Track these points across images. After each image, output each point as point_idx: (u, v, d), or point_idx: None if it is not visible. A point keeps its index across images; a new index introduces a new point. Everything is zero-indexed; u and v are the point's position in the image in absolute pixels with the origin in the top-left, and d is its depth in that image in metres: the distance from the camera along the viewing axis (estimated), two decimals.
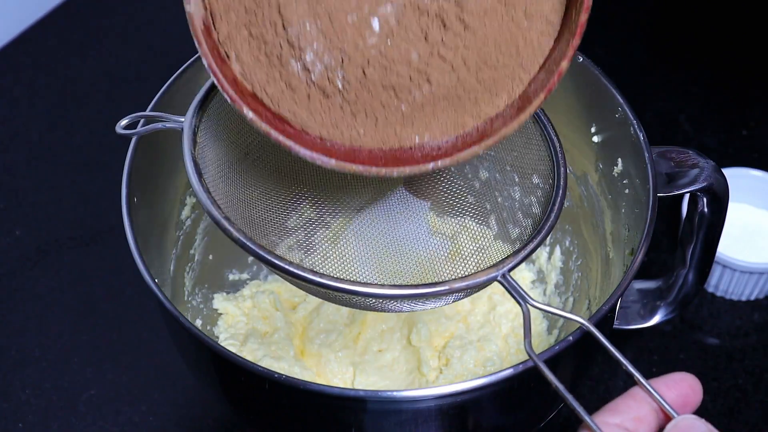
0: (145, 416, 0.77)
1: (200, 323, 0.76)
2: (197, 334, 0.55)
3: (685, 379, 0.48)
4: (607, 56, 1.04)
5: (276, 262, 0.51)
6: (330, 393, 0.53)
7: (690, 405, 0.48)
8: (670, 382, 0.48)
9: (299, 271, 0.50)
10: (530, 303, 0.51)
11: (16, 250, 0.88)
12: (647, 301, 0.72)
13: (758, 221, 0.86)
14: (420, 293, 0.51)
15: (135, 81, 1.03)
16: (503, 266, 0.52)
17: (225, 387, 0.62)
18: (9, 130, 0.98)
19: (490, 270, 0.52)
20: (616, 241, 0.70)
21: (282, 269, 0.51)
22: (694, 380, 0.49)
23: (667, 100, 1.01)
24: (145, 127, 0.58)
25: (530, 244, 0.53)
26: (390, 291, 0.50)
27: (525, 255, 0.53)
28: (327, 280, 0.50)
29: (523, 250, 0.53)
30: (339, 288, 0.50)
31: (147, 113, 0.58)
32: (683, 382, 0.48)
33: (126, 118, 0.57)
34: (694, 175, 0.62)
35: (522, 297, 0.51)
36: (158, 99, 0.65)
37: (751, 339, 0.82)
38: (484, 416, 0.59)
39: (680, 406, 0.48)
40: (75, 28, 1.08)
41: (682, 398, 0.48)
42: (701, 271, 0.69)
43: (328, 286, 0.50)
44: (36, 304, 0.84)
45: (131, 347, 0.81)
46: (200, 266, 0.76)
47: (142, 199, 0.63)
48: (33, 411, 0.77)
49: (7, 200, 0.92)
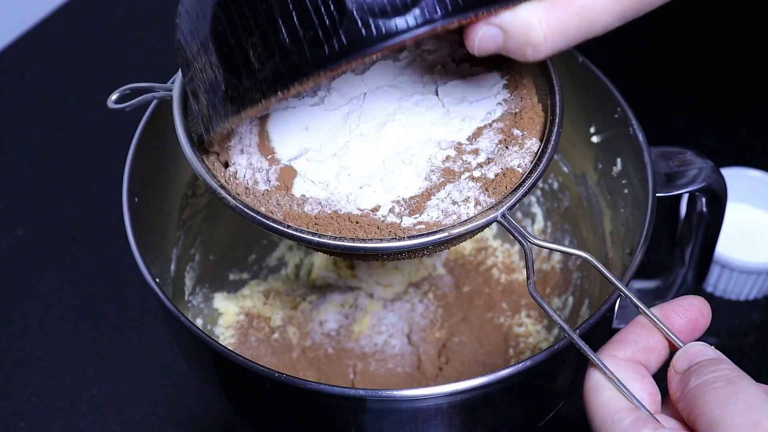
0: (146, 415, 0.77)
1: (201, 323, 0.76)
2: (198, 334, 0.55)
3: (694, 304, 0.47)
4: (606, 56, 1.04)
5: (275, 227, 0.51)
6: (330, 392, 0.54)
7: (699, 329, 0.47)
8: (678, 307, 0.47)
9: (299, 233, 0.50)
10: (531, 241, 0.50)
11: (17, 250, 0.88)
12: (646, 301, 0.72)
13: (757, 221, 0.86)
14: (419, 243, 0.50)
15: (135, 81, 1.03)
16: (502, 206, 0.51)
17: (225, 386, 0.63)
18: (9, 130, 0.98)
19: (489, 212, 0.51)
20: (616, 240, 0.70)
21: (283, 233, 0.51)
22: (702, 303, 0.47)
23: (666, 101, 1.01)
24: (137, 98, 0.57)
25: (527, 180, 0.52)
26: (391, 244, 0.50)
27: (523, 192, 0.52)
28: (326, 240, 0.50)
29: (521, 188, 0.52)
30: (339, 246, 0.50)
31: (135, 85, 0.58)
32: (691, 306, 0.47)
33: (115, 92, 0.57)
34: (692, 175, 0.63)
35: (523, 236, 0.51)
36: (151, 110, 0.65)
37: (749, 339, 0.82)
38: (484, 415, 0.59)
39: (689, 332, 0.47)
40: (75, 29, 1.08)
41: (691, 324, 0.47)
42: (700, 270, 0.69)
43: (327, 245, 0.51)
44: (37, 303, 0.84)
45: (132, 347, 0.81)
46: (201, 266, 0.77)
47: (143, 198, 0.63)
48: (34, 410, 0.77)
49: (8, 200, 0.92)
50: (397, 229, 0.51)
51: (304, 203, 0.52)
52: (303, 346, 0.77)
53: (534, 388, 0.59)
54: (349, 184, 0.53)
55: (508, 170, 0.53)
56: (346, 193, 0.53)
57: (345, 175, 0.53)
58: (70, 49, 1.06)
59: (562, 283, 0.79)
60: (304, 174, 0.53)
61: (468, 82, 0.57)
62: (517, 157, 0.53)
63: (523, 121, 0.55)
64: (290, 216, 0.51)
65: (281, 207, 0.52)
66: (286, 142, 0.54)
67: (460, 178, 0.53)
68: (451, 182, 0.53)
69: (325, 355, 0.76)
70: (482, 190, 0.52)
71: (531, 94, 0.56)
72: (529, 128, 0.55)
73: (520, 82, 0.57)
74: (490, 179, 0.53)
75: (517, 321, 0.78)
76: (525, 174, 0.53)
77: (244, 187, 0.53)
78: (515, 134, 0.54)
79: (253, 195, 0.53)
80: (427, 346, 0.76)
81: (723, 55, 1.06)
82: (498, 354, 0.77)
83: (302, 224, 0.51)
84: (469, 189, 0.52)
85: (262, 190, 0.53)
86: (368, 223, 0.51)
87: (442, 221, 0.51)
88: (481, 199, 0.52)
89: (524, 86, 0.57)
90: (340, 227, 0.51)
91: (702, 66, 1.05)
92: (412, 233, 0.51)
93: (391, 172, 0.53)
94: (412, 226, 0.51)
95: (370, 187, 0.53)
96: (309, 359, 0.76)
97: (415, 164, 0.53)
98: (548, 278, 0.80)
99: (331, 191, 0.53)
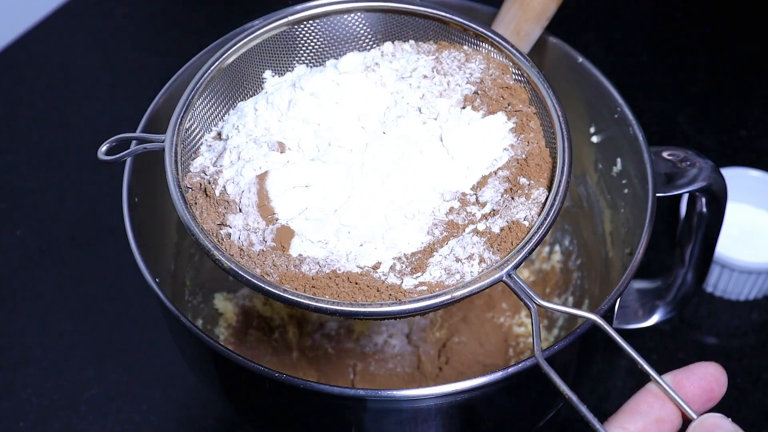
0: (146, 415, 0.77)
1: (201, 323, 0.76)
2: (198, 334, 0.55)
3: (708, 372, 0.45)
4: (606, 56, 1.05)
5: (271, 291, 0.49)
6: (330, 392, 0.53)
7: (714, 399, 0.45)
8: (691, 376, 0.44)
9: (295, 298, 0.49)
10: (538, 303, 0.48)
11: (18, 250, 0.88)
12: (646, 301, 0.72)
13: (756, 221, 0.86)
14: (420, 307, 0.49)
15: (135, 81, 1.03)
16: (507, 265, 0.49)
17: (225, 386, 0.63)
18: (9, 130, 0.98)
19: (494, 272, 0.49)
20: (616, 240, 0.70)
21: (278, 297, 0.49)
22: (718, 370, 0.45)
23: (666, 101, 1.01)
24: (126, 151, 0.55)
25: (534, 237, 0.50)
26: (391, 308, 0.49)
27: (529, 249, 0.50)
28: (324, 305, 0.49)
29: (527, 245, 0.50)
30: (337, 311, 0.48)
31: (125, 135, 0.56)
32: (706, 375, 0.44)
33: (105, 144, 0.55)
34: (692, 175, 0.63)
35: (529, 297, 0.49)
36: (151, 112, 0.65)
37: (749, 338, 0.82)
38: (484, 415, 0.59)
39: (703, 402, 0.44)
40: (75, 29, 1.08)
41: (706, 393, 0.44)
42: (700, 270, 0.69)
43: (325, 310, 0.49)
44: (37, 303, 0.84)
45: (132, 347, 0.81)
46: (201, 266, 0.77)
47: (143, 198, 0.63)
48: (34, 410, 0.77)
49: (8, 200, 0.92)
50: (397, 291, 0.49)
51: (301, 263, 0.50)
52: (303, 346, 0.77)
53: (534, 388, 0.59)
54: (348, 242, 0.51)
55: (514, 224, 0.51)
56: (346, 251, 0.51)
57: (345, 233, 0.51)
58: (70, 49, 1.06)
59: (562, 283, 0.79)
60: (302, 233, 0.51)
61: (473, 127, 0.55)
62: (524, 209, 0.51)
63: (530, 168, 0.53)
64: (287, 277, 0.50)
65: (277, 268, 0.50)
66: (286, 201, 0.52)
67: (463, 231, 0.51)
68: (454, 237, 0.51)
69: (325, 355, 0.76)
70: (487, 246, 0.50)
71: (538, 137, 0.55)
72: (536, 176, 0.53)
73: (527, 125, 0.55)
74: (495, 234, 0.51)
75: (517, 321, 0.78)
76: (531, 228, 0.51)
77: (238, 248, 0.51)
78: (521, 183, 0.52)
79: (248, 256, 0.51)
80: (427, 346, 0.77)
81: (723, 55, 1.06)
82: (498, 354, 0.77)
83: (299, 286, 0.49)
84: (473, 245, 0.50)
85: (257, 250, 0.51)
86: (368, 284, 0.49)
87: (444, 281, 0.50)
88: (486, 257, 0.50)
89: (531, 129, 0.55)
90: (338, 289, 0.49)
91: (702, 66, 1.05)
92: (414, 296, 0.49)
93: (393, 227, 0.51)
94: (413, 288, 0.49)
95: (371, 244, 0.51)
96: (309, 359, 0.76)
97: (417, 218, 0.52)
98: (548, 278, 0.80)
99: (330, 249, 0.51)
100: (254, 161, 0.54)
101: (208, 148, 0.57)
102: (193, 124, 0.56)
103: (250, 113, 0.57)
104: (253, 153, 0.54)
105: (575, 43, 0.69)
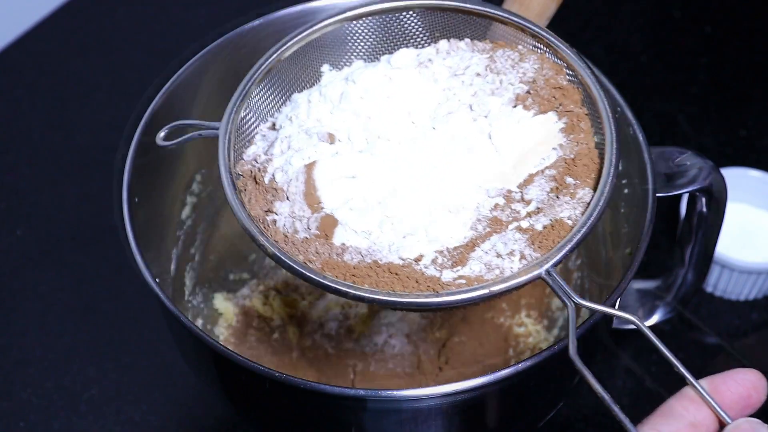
0: (146, 415, 0.77)
1: (201, 323, 0.76)
2: (198, 334, 0.55)
3: (747, 378, 0.44)
4: (606, 56, 1.05)
5: (312, 277, 0.50)
6: (330, 392, 0.54)
7: (751, 406, 0.44)
8: (729, 381, 0.44)
9: (336, 285, 0.49)
10: (576, 301, 0.48)
11: (17, 250, 0.88)
12: (646, 301, 0.72)
13: (757, 221, 0.86)
14: (457, 300, 0.49)
15: (135, 81, 1.03)
16: (547, 262, 0.49)
17: (226, 386, 0.63)
18: (9, 130, 0.98)
19: (533, 268, 0.49)
20: (616, 241, 0.70)
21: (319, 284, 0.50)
22: (757, 377, 0.44)
23: (666, 101, 1.01)
24: (182, 137, 0.57)
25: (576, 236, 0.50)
26: (429, 300, 0.49)
27: (570, 247, 0.50)
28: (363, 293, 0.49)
29: (569, 243, 0.50)
30: (375, 300, 0.49)
31: (182, 122, 0.58)
32: (744, 381, 0.44)
33: (163, 130, 0.57)
34: (692, 175, 0.63)
35: (567, 295, 0.48)
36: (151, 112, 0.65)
37: (749, 338, 0.82)
38: (484, 415, 0.59)
39: (740, 408, 0.44)
40: (75, 29, 1.08)
41: (743, 400, 0.44)
42: (700, 270, 0.69)
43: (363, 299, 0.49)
44: (37, 303, 0.84)
45: (132, 347, 0.81)
46: (201, 266, 0.77)
47: (143, 198, 0.63)
48: (34, 410, 0.77)
49: (8, 200, 0.92)
50: (436, 283, 0.49)
51: (343, 252, 0.51)
52: (303, 346, 0.77)
53: (534, 388, 0.59)
54: (392, 234, 0.51)
55: (557, 222, 0.51)
56: (389, 242, 0.51)
57: (388, 224, 0.52)
58: (70, 49, 1.06)
59: None
60: (345, 223, 0.52)
61: (523, 126, 0.55)
62: (568, 208, 0.51)
63: (577, 168, 0.53)
64: (328, 265, 0.50)
65: (320, 256, 0.51)
66: (332, 191, 0.53)
67: (507, 228, 0.51)
68: (497, 233, 0.51)
69: (325, 355, 0.76)
70: (528, 243, 0.50)
71: (588, 138, 0.55)
72: (582, 176, 0.53)
73: (577, 125, 0.55)
74: (537, 231, 0.51)
75: (517, 321, 0.78)
76: (574, 227, 0.51)
77: (283, 235, 0.52)
78: (568, 182, 0.52)
79: (292, 243, 0.51)
80: (427, 346, 0.77)
81: (723, 55, 1.06)
82: (498, 354, 0.77)
83: (340, 274, 0.50)
84: (515, 241, 0.50)
85: (301, 238, 0.52)
86: (407, 275, 0.50)
87: (484, 276, 0.50)
88: (527, 253, 0.50)
89: (581, 130, 0.55)
90: (378, 279, 0.50)
91: (702, 66, 1.05)
92: (452, 289, 0.49)
93: (436, 221, 0.52)
94: (452, 280, 0.49)
95: (413, 237, 0.51)
96: (309, 359, 0.76)
97: (461, 213, 0.52)
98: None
99: (373, 240, 0.51)
100: (304, 151, 0.54)
101: (262, 138, 0.57)
102: (248, 113, 0.57)
103: (304, 104, 0.58)
104: (303, 143, 0.55)
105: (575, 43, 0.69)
